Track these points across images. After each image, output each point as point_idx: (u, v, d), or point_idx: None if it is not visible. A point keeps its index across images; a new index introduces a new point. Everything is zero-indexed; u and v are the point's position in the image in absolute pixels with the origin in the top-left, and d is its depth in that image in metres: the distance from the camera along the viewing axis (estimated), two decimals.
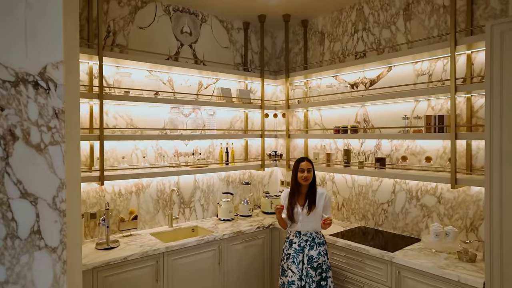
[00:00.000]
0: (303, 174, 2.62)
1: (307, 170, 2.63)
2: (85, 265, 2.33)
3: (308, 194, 2.68)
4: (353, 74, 3.36)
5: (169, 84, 3.35)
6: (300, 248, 2.65)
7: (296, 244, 2.67)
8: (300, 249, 2.64)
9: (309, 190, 2.68)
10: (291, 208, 2.67)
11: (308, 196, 2.67)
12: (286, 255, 2.70)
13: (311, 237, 2.66)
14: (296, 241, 2.67)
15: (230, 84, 3.76)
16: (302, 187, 2.69)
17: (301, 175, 2.64)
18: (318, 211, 2.66)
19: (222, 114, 3.72)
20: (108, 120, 2.98)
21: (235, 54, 3.85)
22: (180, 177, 3.41)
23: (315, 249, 2.63)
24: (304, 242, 2.65)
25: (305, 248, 2.63)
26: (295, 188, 2.70)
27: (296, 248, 2.66)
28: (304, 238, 2.66)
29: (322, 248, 2.65)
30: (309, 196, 2.67)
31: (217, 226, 3.30)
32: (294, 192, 2.69)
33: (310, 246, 2.63)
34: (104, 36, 2.95)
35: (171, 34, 3.35)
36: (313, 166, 2.69)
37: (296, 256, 2.63)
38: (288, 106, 3.75)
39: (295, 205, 2.68)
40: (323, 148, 3.67)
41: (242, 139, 3.91)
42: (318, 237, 2.68)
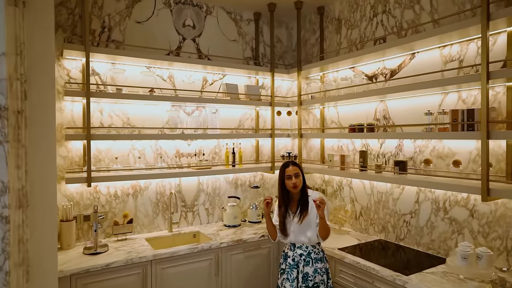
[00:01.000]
0: (291, 181, 2.32)
1: (295, 175, 2.33)
2: (62, 271, 2.21)
3: (300, 201, 2.36)
4: (372, 64, 2.93)
5: (170, 80, 3.17)
6: (294, 263, 2.33)
7: (290, 258, 2.35)
8: (294, 264, 2.32)
9: (301, 196, 2.37)
10: (283, 219, 2.36)
11: (300, 203, 2.35)
12: (281, 270, 2.39)
13: (307, 251, 2.32)
14: (291, 255, 2.36)
15: (239, 80, 3.50)
16: (293, 195, 2.39)
17: (289, 182, 2.33)
18: (312, 218, 2.32)
19: (229, 112, 3.47)
20: (103, 118, 2.87)
21: (244, 47, 3.58)
22: (182, 179, 3.22)
23: (311, 265, 2.29)
24: (299, 256, 2.33)
25: (299, 263, 2.31)
26: (285, 197, 2.39)
27: (290, 263, 2.34)
28: (299, 252, 2.33)
29: (320, 266, 2.29)
30: (301, 203, 2.34)
31: (218, 233, 3.05)
32: (284, 202, 2.39)
33: (305, 261, 2.31)
34: (99, 32, 2.84)
35: (171, 28, 3.17)
36: (301, 170, 2.38)
37: (290, 272, 2.31)
38: (301, 102, 3.40)
39: (286, 215, 2.36)
40: (339, 149, 3.26)
41: (253, 139, 3.63)
42: (315, 252, 2.33)
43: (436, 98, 2.44)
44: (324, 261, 2.34)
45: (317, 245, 2.37)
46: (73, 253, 2.53)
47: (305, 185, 2.40)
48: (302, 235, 2.32)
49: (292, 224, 2.34)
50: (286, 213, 2.38)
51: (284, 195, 2.39)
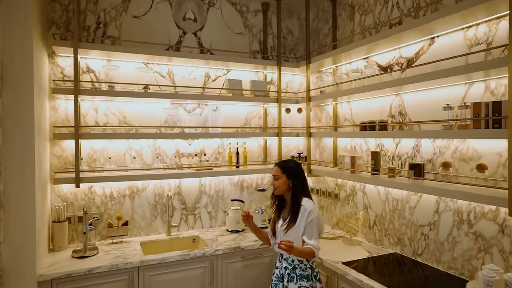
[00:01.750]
0: (272, 182, 2.19)
1: (274, 177, 2.17)
2: (42, 275, 2.13)
3: (291, 208, 2.13)
4: (387, 53, 2.57)
5: (169, 77, 3.03)
6: (280, 275, 2.14)
7: (278, 270, 2.18)
8: (280, 277, 2.14)
9: (292, 203, 2.13)
10: (274, 222, 2.25)
11: (290, 210, 2.13)
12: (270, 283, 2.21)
13: (292, 265, 2.09)
14: (278, 266, 2.19)
15: (245, 76, 3.28)
16: (287, 199, 2.20)
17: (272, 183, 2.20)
18: (298, 231, 2.06)
19: (234, 109, 3.26)
20: (98, 117, 2.78)
21: (251, 40, 3.35)
22: (182, 180, 3.07)
23: (295, 282, 2.05)
24: (284, 269, 2.12)
25: (284, 277, 2.11)
26: (278, 199, 2.25)
27: (277, 275, 2.16)
28: (284, 265, 2.12)
29: (306, 284, 2.02)
30: (292, 210, 2.12)
31: (217, 239, 2.86)
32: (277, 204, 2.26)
33: (290, 276, 2.08)
34: (94, 28, 2.76)
35: (171, 22, 3.02)
36: (287, 173, 2.13)
37: (276, 286, 2.13)
38: (309, 98, 3.10)
39: (277, 218, 2.23)
40: (353, 150, 2.93)
41: (260, 139, 3.39)
42: (301, 268, 2.07)
43: (459, 90, 2.05)
44: (312, 280, 2.05)
45: (305, 261, 2.08)
46: (62, 255, 2.46)
47: (297, 191, 2.13)
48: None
49: (279, 232, 2.16)
50: (278, 218, 2.23)
51: (277, 197, 2.24)
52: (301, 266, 2.06)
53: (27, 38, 2.05)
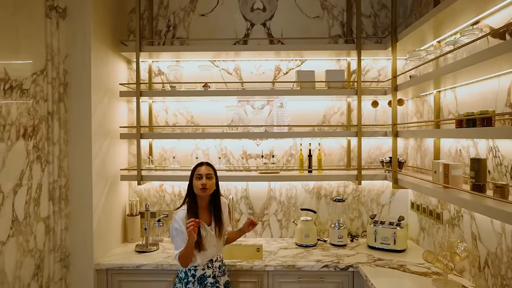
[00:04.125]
0: (200, 181, 1.99)
1: (206, 176, 2.00)
2: (98, 264, 2.31)
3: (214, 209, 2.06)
4: (507, 9, 1.69)
5: (236, 73, 2.87)
6: (214, 280, 2.03)
7: (210, 277, 2.02)
8: (215, 282, 2.03)
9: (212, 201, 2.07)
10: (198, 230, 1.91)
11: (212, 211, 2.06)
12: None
13: (221, 259, 2.12)
14: (209, 273, 2.02)
15: (322, 65, 2.81)
16: (201, 200, 2.05)
17: (197, 182, 1.99)
18: (226, 226, 2.12)
19: (309, 105, 2.84)
20: (168, 117, 2.87)
21: (331, 23, 2.85)
22: (249, 183, 2.87)
23: (225, 273, 2.13)
24: (218, 269, 2.06)
25: (219, 277, 2.05)
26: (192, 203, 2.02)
27: (211, 282, 2.01)
28: (217, 265, 2.07)
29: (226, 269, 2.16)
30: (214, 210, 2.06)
31: (278, 252, 2.53)
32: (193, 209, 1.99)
33: (221, 272, 2.09)
34: (164, 32, 2.86)
35: (238, 15, 2.85)
36: (215, 173, 2.06)
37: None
38: (395, 86, 2.38)
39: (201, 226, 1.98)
40: (458, 154, 2.09)
41: (342, 139, 2.85)
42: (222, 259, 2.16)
43: None
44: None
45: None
46: (130, 247, 2.63)
47: (219, 193, 2.11)
48: (220, 247, 2.09)
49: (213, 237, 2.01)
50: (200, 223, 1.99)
51: (192, 201, 2.03)
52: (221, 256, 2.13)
53: (86, 48, 2.25)
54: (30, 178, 1.93)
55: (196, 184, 2.00)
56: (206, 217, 2.06)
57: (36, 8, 1.99)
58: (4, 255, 1.74)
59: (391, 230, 2.52)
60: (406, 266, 2.24)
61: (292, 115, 2.81)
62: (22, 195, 1.87)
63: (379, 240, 2.54)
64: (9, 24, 1.78)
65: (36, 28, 1.99)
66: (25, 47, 1.90)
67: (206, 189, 1.99)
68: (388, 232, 2.52)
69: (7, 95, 1.76)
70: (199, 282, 1.99)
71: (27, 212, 1.90)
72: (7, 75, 1.76)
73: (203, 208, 2.06)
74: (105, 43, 2.47)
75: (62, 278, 2.20)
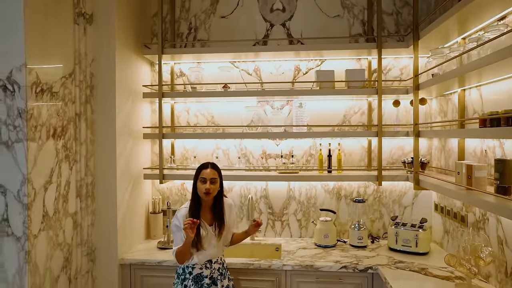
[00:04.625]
0: (205, 185, 1.98)
1: (211, 180, 1.99)
2: (123, 259, 2.40)
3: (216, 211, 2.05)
4: None
5: (256, 74, 2.90)
6: (210, 282, 2.01)
7: (207, 277, 2.01)
8: (211, 283, 2.01)
9: (215, 203, 2.06)
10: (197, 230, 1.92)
11: (214, 211, 2.05)
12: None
13: (221, 262, 2.10)
14: (207, 274, 2.02)
15: (342, 65, 2.79)
16: (205, 201, 2.04)
17: (201, 186, 1.99)
18: (229, 228, 2.11)
19: (329, 105, 2.82)
20: (189, 118, 2.94)
21: (351, 22, 2.82)
22: (269, 183, 2.89)
23: (226, 276, 2.09)
24: (217, 271, 2.05)
25: (217, 280, 2.03)
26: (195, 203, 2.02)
27: (207, 283, 2.00)
28: (216, 267, 2.06)
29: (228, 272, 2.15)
30: (215, 211, 2.05)
31: (296, 251, 2.54)
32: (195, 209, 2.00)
33: (222, 275, 2.06)
34: (186, 34, 2.93)
35: (258, 16, 2.88)
36: (220, 175, 2.06)
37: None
38: (417, 85, 2.33)
39: (201, 225, 2.00)
40: (484, 155, 2.02)
41: (363, 139, 2.81)
42: (224, 260, 2.15)
43: None
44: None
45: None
46: (152, 244, 2.72)
47: (222, 194, 2.10)
48: (219, 248, 2.09)
49: (212, 237, 2.03)
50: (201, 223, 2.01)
51: (195, 200, 2.03)
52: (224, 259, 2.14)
53: (111, 52, 2.35)
54: (59, 176, 2.04)
55: (200, 188, 2.00)
56: (208, 216, 2.06)
57: (65, 16, 2.10)
58: (36, 248, 1.85)
59: (413, 232, 2.46)
60: (428, 270, 2.18)
61: (311, 115, 2.80)
62: (52, 191, 1.98)
63: (400, 242, 2.49)
64: (40, 32, 1.89)
65: (65, 35, 2.10)
66: (55, 52, 2.01)
67: (209, 194, 1.99)
68: (410, 234, 2.46)
69: (38, 97, 1.87)
70: (194, 280, 1.98)
71: (56, 207, 2.01)
72: (38, 79, 1.87)
73: (206, 208, 2.06)
74: (129, 46, 2.56)
75: (88, 271, 2.31)
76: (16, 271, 1.80)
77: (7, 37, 1.79)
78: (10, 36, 1.79)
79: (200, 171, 2.03)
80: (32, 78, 1.82)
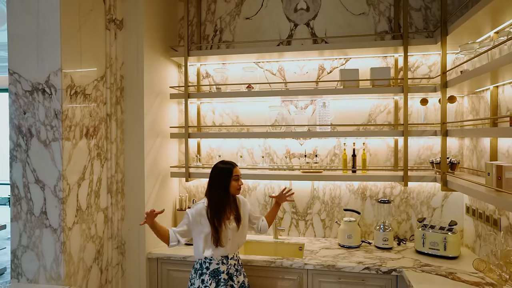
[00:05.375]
0: (238, 182, 2.13)
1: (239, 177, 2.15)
2: (150, 253, 2.51)
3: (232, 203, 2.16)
4: None
5: (280, 74, 2.91)
6: (228, 277, 2.06)
7: (224, 273, 2.06)
8: (228, 278, 2.07)
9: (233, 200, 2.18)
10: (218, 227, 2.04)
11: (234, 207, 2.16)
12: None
13: (237, 258, 2.17)
14: (223, 269, 2.07)
15: (368, 63, 2.74)
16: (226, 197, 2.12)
17: (236, 184, 2.12)
18: (245, 222, 2.22)
19: (352, 104, 2.79)
20: (215, 118, 3.01)
21: (377, 20, 2.76)
22: (293, 182, 2.90)
23: (241, 273, 2.16)
24: (233, 267, 2.10)
25: (233, 276, 2.08)
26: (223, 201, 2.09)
27: (225, 279, 2.04)
28: (232, 263, 2.11)
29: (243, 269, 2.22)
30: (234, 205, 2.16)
31: (319, 251, 2.53)
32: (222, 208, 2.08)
33: (237, 271, 2.13)
34: (212, 36, 3.01)
35: (282, 17, 2.89)
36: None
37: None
38: (445, 83, 2.24)
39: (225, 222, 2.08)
40: None
41: (389, 138, 2.75)
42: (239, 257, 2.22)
43: None
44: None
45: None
46: None
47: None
48: (236, 243, 2.15)
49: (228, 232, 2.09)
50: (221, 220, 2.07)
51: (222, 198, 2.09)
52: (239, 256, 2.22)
53: (139, 56, 2.47)
54: (92, 173, 2.17)
55: (234, 185, 2.11)
56: (228, 212, 2.12)
57: (97, 23, 2.23)
58: (70, 239, 1.99)
59: (441, 235, 2.37)
60: (456, 274, 2.10)
61: (336, 114, 2.78)
62: (85, 187, 2.11)
63: (427, 245, 2.41)
64: (74, 39, 2.03)
65: (97, 40, 2.23)
66: (88, 57, 2.15)
67: (239, 190, 2.15)
68: (438, 237, 2.38)
69: (73, 99, 2.01)
70: (211, 275, 2.04)
71: (89, 202, 2.14)
72: (72, 82, 2.01)
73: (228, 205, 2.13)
74: (157, 49, 2.67)
75: (118, 263, 2.44)
76: (53, 260, 1.95)
77: (45, 45, 1.94)
78: (48, 44, 1.93)
79: (231, 170, 2.12)
80: (67, 81, 1.96)
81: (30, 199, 1.97)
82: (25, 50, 1.96)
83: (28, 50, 1.96)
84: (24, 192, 1.97)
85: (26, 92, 1.96)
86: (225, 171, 2.11)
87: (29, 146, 1.97)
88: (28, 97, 1.96)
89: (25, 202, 1.97)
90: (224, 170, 2.12)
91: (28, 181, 1.97)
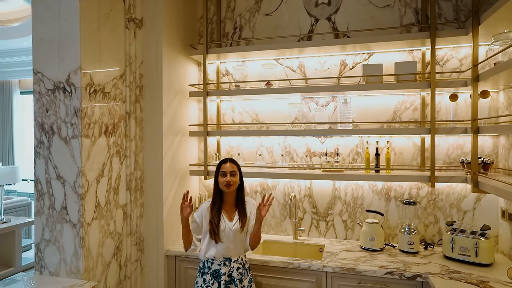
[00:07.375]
0: (225, 178, 2.06)
1: (231, 173, 2.07)
2: (168, 250, 2.53)
3: (237, 204, 2.12)
4: None
5: (300, 70, 2.84)
6: (229, 279, 2.03)
7: (225, 275, 2.02)
8: (230, 281, 2.03)
9: (238, 199, 2.13)
10: (215, 222, 2.04)
11: (237, 207, 2.11)
12: None
13: (242, 262, 2.10)
14: (225, 271, 2.03)
15: (393, 58, 2.62)
16: (227, 196, 2.11)
17: (222, 179, 2.07)
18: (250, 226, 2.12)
19: (378, 100, 2.67)
20: (234, 116, 2.99)
21: (402, 12, 2.62)
22: (313, 182, 2.82)
23: (246, 276, 2.09)
24: (236, 271, 2.05)
25: (236, 280, 2.03)
26: (218, 197, 2.10)
27: (226, 281, 2.00)
28: (235, 266, 2.06)
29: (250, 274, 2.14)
30: (239, 206, 2.11)
31: (339, 253, 2.44)
32: (217, 203, 2.09)
33: (241, 274, 2.06)
34: (231, 34, 2.99)
35: (302, 12, 2.82)
36: (239, 170, 2.13)
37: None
38: (476, 77, 2.07)
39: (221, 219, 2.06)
40: None
41: (416, 137, 2.60)
42: (246, 261, 2.16)
43: None
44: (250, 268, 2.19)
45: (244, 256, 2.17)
46: None
47: (243, 188, 2.16)
48: (240, 246, 2.09)
49: (230, 231, 2.05)
50: (220, 217, 2.07)
51: (216, 195, 2.11)
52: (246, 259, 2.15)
53: (158, 54, 2.49)
54: (111, 170, 2.21)
55: (221, 181, 2.07)
56: (230, 212, 2.11)
57: (117, 22, 2.27)
58: (89, 235, 2.03)
59: (473, 240, 2.21)
60: (489, 283, 1.94)
61: (358, 112, 2.67)
62: (104, 184, 2.15)
63: (457, 250, 2.26)
64: (94, 39, 2.07)
65: (116, 39, 2.27)
66: (107, 56, 2.19)
67: (230, 186, 2.06)
68: (469, 242, 2.22)
69: (92, 97, 2.05)
70: (213, 275, 2.03)
71: (108, 199, 2.18)
72: (92, 81, 2.05)
73: (229, 203, 2.13)
74: (176, 48, 2.68)
75: (137, 259, 2.47)
76: (73, 254, 2.00)
77: (66, 45, 1.99)
78: (68, 44, 1.98)
79: (220, 166, 2.11)
80: (86, 80, 2.00)
81: (52, 194, 2.03)
82: (48, 51, 2.02)
83: (50, 50, 2.02)
84: (47, 187, 2.04)
85: (49, 91, 2.02)
86: (217, 167, 2.13)
87: (51, 143, 2.03)
88: (50, 96, 2.02)
89: (48, 198, 2.04)
90: (217, 167, 2.13)
91: (50, 177, 2.03)
